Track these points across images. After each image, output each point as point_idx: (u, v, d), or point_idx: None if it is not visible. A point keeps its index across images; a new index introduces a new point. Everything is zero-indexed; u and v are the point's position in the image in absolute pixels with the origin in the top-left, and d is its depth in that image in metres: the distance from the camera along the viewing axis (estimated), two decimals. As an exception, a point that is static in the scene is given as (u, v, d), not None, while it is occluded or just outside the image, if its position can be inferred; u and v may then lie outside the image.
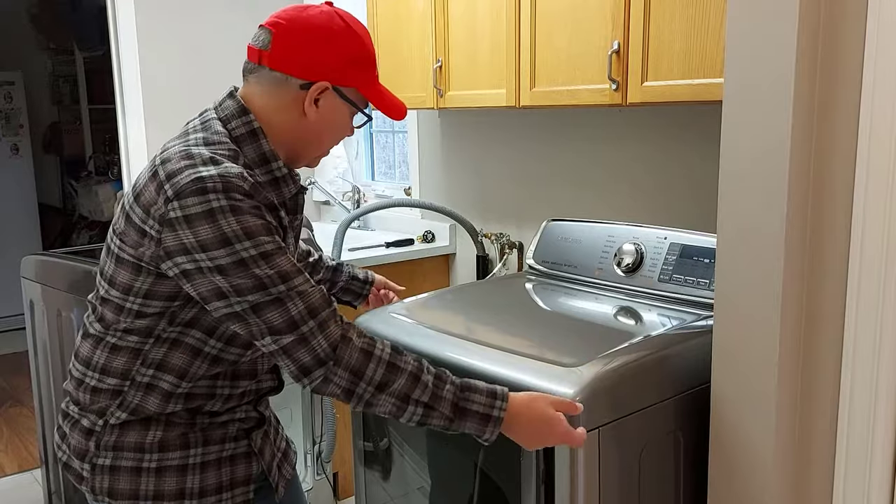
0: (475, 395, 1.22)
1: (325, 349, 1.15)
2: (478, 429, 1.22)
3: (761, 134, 1.33)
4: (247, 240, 1.13)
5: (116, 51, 3.17)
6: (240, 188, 1.15)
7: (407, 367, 1.20)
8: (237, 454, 1.31)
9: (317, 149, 1.33)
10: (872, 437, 1.35)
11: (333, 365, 1.16)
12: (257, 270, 1.13)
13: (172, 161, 1.17)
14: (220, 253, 1.12)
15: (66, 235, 5.83)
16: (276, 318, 1.14)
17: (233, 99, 1.28)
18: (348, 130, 1.35)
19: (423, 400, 1.20)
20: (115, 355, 1.25)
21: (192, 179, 1.13)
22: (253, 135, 1.26)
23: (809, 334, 1.38)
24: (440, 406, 1.20)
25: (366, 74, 1.30)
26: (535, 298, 1.99)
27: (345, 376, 1.16)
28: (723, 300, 1.44)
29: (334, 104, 1.28)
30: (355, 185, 3.44)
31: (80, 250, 2.66)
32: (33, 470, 3.25)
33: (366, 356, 1.18)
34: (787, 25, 1.27)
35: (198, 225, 1.12)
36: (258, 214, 1.16)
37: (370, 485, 1.86)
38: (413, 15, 2.57)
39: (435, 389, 1.20)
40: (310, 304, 1.16)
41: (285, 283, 1.15)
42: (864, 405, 1.35)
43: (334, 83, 1.27)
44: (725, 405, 1.45)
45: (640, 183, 2.33)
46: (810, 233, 1.34)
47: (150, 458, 1.25)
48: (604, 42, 1.97)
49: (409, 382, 1.19)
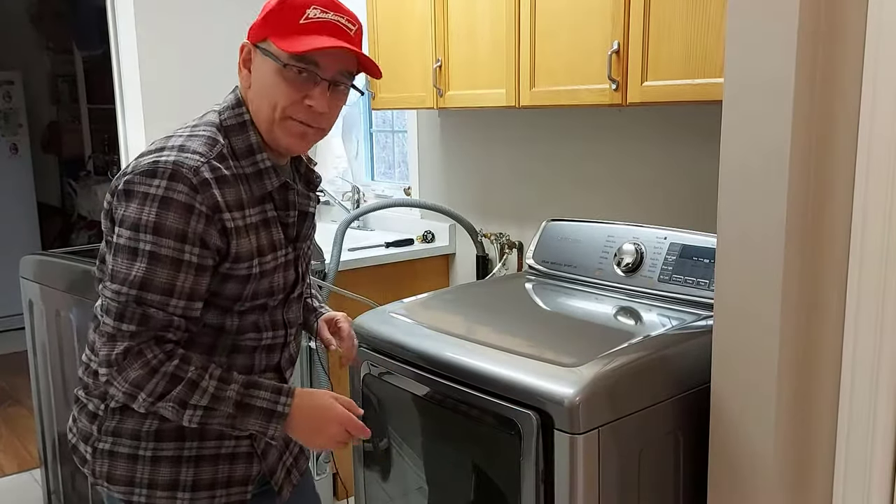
0: (260, 392, 1.23)
1: (116, 354, 1.17)
2: (262, 424, 1.22)
3: (761, 134, 1.33)
4: (151, 234, 1.16)
5: (116, 51, 3.17)
6: (186, 179, 1.17)
7: (186, 376, 1.19)
8: (238, 453, 1.32)
9: (265, 116, 1.26)
10: (872, 437, 1.35)
11: (116, 372, 1.18)
12: (133, 266, 1.17)
13: (153, 146, 1.24)
14: (126, 233, 1.17)
15: (65, 235, 5.83)
16: (110, 308, 1.18)
17: (232, 93, 1.32)
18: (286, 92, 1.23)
19: (202, 404, 1.20)
20: None
21: (149, 163, 1.18)
22: (243, 126, 1.28)
23: (809, 334, 1.38)
24: (221, 406, 1.20)
25: (280, 23, 1.22)
26: (535, 298, 1.99)
27: (124, 386, 1.18)
28: (723, 300, 1.43)
29: (258, 63, 1.26)
30: (355, 185, 3.44)
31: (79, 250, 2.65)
32: (32, 470, 3.25)
33: (149, 373, 1.18)
34: (787, 25, 1.27)
35: (129, 201, 1.17)
36: (183, 218, 1.17)
37: (370, 485, 1.86)
38: (413, 15, 2.56)
39: (216, 391, 1.20)
40: (145, 313, 1.17)
41: (140, 290, 1.17)
42: (864, 405, 1.35)
43: (253, 41, 1.26)
44: (725, 405, 1.45)
45: (640, 183, 2.33)
46: (810, 233, 1.34)
47: (145, 447, 1.28)
48: (604, 42, 1.96)
49: (187, 389, 1.19)
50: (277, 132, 1.27)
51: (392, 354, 1.71)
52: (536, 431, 1.39)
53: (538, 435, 1.39)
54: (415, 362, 1.65)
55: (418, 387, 1.64)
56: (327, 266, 2.53)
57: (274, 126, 1.26)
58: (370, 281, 2.79)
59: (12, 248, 5.07)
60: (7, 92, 5.27)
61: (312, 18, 1.22)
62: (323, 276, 2.52)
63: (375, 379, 1.75)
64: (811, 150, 1.31)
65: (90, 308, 1.37)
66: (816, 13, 1.27)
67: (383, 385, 1.73)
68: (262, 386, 1.24)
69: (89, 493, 2.37)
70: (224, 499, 1.31)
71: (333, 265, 2.53)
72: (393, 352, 1.71)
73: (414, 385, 1.64)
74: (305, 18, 1.22)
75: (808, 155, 1.31)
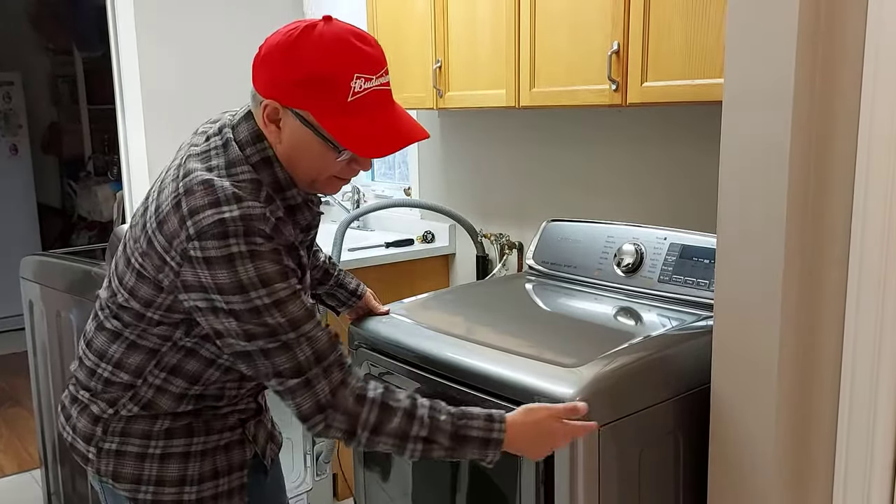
0: (473, 421, 1.23)
1: (326, 395, 1.18)
2: (480, 453, 1.23)
3: (761, 134, 1.33)
4: (262, 287, 1.14)
5: (116, 51, 3.17)
6: (261, 231, 1.14)
7: (400, 406, 1.21)
8: (232, 442, 1.35)
9: (305, 174, 1.24)
10: (872, 437, 1.35)
11: (332, 410, 1.18)
12: (269, 319, 1.15)
13: (197, 195, 1.15)
14: (236, 299, 1.14)
15: (65, 236, 5.83)
16: (283, 363, 1.17)
17: (248, 123, 1.23)
18: (330, 161, 1.21)
19: (421, 435, 1.21)
20: (131, 351, 1.27)
21: (214, 221, 1.13)
22: (267, 162, 1.22)
23: (809, 334, 1.38)
24: (439, 437, 1.21)
25: (324, 98, 1.15)
26: (535, 299, 1.99)
27: (343, 420, 1.19)
28: (723, 300, 1.43)
29: (294, 127, 1.19)
30: (355, 185, 3.44)
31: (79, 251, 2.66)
32: (33, 470, 3.25)
33: (359, 400, 1.19)
34: (787, 25, 1.27)
35: (216, 268, 1.13)
36: (276, 259, 1.15)
37: (370, 485, 1.86)
38: (413, 15, 2.57)
39: (431, 422, 1.21)
40: (317, 349, 1.18)
41: (295, 330, 1.16)
42: (864, 405, 1.35)
43: (283, 103, 1.18)
44: (725, 405, 1.45)
45: (640, 183, 2.33)
46: (810, 233, 1.34)
47: (155, 445, 1.29)
48: (603, 42, 1.97)
49: (404, 421, 1.20)
50: (318, 186, 1.27)
51: (392, 354, 1.71)
52: (536, 431, 1.39)
53: (538, 435, 1.39)
54: (415, 362, 1.65)
55: (418, 387, 1.64)
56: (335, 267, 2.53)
57: (316, 183, 1.26)
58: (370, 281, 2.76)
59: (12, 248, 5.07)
60: (7, 93, 5.27)
61: (359, 93, 1.16)
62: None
63: (375, 379, 1.75)
64: (811, 149, 1.32)
65: (90, 308, 1.38)
66: (816, 12, 1.27)
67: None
68: (473, 416, 1.24)
69: (89, 493, 2.37)
70: (226, 486, 1.34)
71: (333, 265, 2.53)
72: (393, 352, 1.71)
73: (414, 385, 1.64)
74: (353, 95, 1.15)
75: (807, 154, 1.31)
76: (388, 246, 2.91)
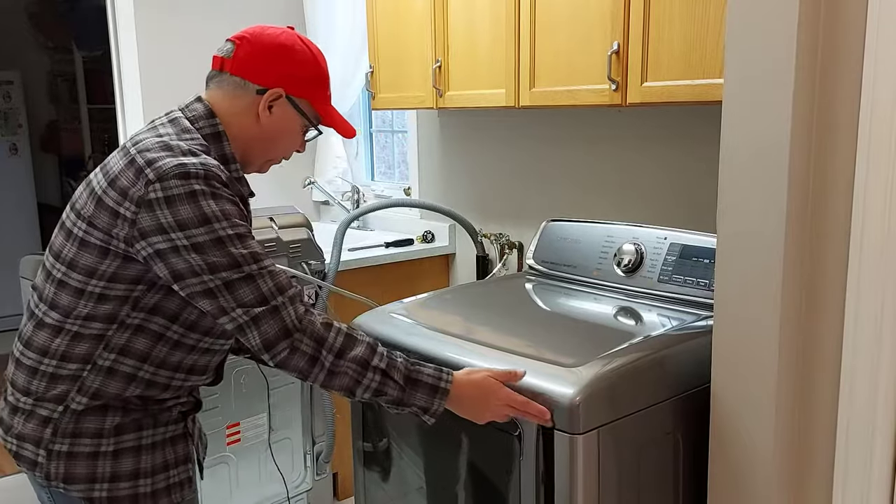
0: (424, 369, 1.33)
1: (292, 320, 1.24)
2: (426, 400, 1.31)
3: (761, 133, 1.33)
4: (225, 220, 1.22)
5: (116, 51, 3.17)
6: (218, 177, 1.24)
7: (364, 339, 1.31)
8: (176, 435, 1.39)
9: (265, 153, 1.41)
10: (872, 437, 1.35)
11: (300, 333, 1.24)
12: (233, 249, 1.22)
13: (151, 150, 1.25)
14: (199, 231, 1.20)
15: (65, 235, 5.82)
16: (247, 294, 1.23)
17: (200, 103, 1.37)
18: (298, 142, 1.43)
19: (380, 366, 1.29)
20: (77, 342, 1.28)
21: (175, 165, 1.22)
22: (217, 136, 1.35)
23: (809, 334, 1.38)
24: (394, 374, 1.30)
25: (319, 92, 1.40)
26: (535, 298, 1.99)
27: (310, 344, 1.25)
28: (723, 300, 1.44)
29: (286, 113, 1.38)
30: (355, 185, 3.44)
31: (79, 250, 2.65)
32: (32, 470, 3.25)
33: (326, 326, 1.28)
34: (787, 24, 1.27)
35: (178, 205, 1.20)
36: (234, 202, 1.26)
37: (370, 485, 1.86)
38: (413, 15, 2.56)
39: (389, 360, 1.30)
40: (278, 282, 1.25)
41: (256, 262, 1.24)
42: (864, 405, 1.35)
43: (288, 92, 1.37)
44: (725, 405, 1.45)
45: (640, 183, 2.34)
46: (810, 233, 1.34)
47: (107, 443, 1.30)
48: (603, 42, 1.97)
49: (367, 350, 1.29)
50: (259, 159, 1.42)
51: (392, 354, 1.71)
52: (536, 432, 1.39)
53: (538, 435, 1.39)
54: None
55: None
56: (327, 266, 2.53)
57: (261, 161, 1.42)
58: (370, 281, 2.79)
59: (12, 248, 5.07)
60: (6, 92, 5.26)
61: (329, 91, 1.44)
62: (323, 276, 2.52)
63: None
64: (811, 149, 1.32)
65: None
66: (816, 12, 1.27)
67: (383, 385, 1.73)
68: (424, 365, 1.34)
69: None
70: (177, 478, 1.37)
71: (333, 265, 2.53)
72: (393, 352, 1.71)
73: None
74: (328, 90, 1.43)
75: (807, 154, 1.32)
76: (388, 246, 2.91)
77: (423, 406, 1.32)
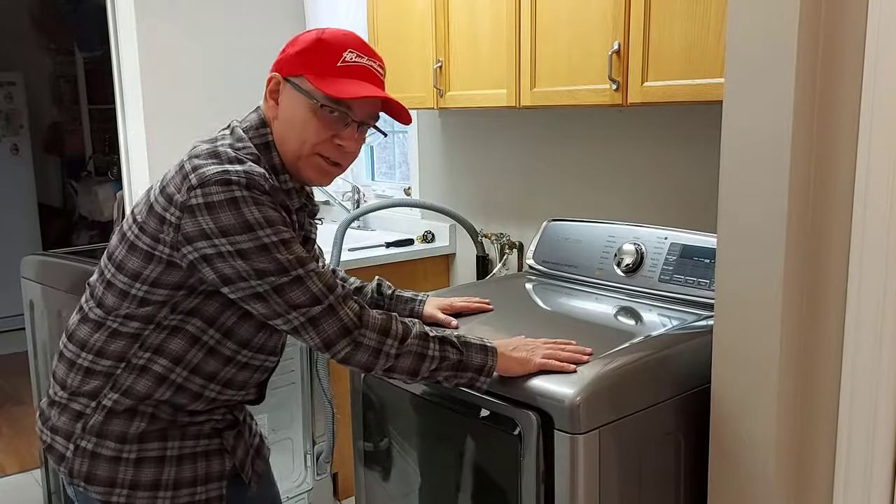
0: (467, 337, 1.38)
1: (351, 318, 1.26)
2: (481, 358, 1.35)
3: (761, 133, 1.33)
4: (268, 227, 1.22)
5: (116, 51, 3.17)
6: (261, 186, 1.23)
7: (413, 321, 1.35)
8: (210, 450, 1.36)
9: (299, 149, 1.32)
10: (873, 437, 1.35)
11: (362, 328, 1.27)
12: (278, 255, 1.22)
13: (200, 157, 1.26)
14: (243, 238, 1.20)
15: (66, 236, 5.83)
16: (298, 296, 1.23)
17: (255, 112, 1.37)
18: (321, 130, 1.31)
19: (437, 335, 1.33)
20: (114, 339, 1.29)
21: (218, 171, 1.21)
22: (266, 147, 1.33)
23: (810, 334, 1.38)
24: (451, 338, 1.34)
25: (317, 59, 1.30)
26: (535, 298, 1.99)
27: (374, 337, 1.28)
28: (723, 300, 1.43)
29: (290, 97, 1.32)
30: (355, 185, 3.44)
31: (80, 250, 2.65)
32: (34, 470, 3.25)
33: (386, 318, 1.30)
34: (787, 24, 1.27)
35: (219, 212, 1.20)
36: (276, 209, 1.25)
37: (370, 485, 1.86)
38: (413, 15, 2.57)
39: (439, 332, 1.35)
40: (326, 283, 1.26)
41: (303, 266, 1.24)
42: (865, 405, 1.35)
43: (283, 74, 1.32)
44: (726, 405, 1.45)
45: (641, 183, 2.33)
46: (811, 233, 1.34)
47: (129, 450, 1.30)
48: (604, 42, 1.96)
49: (420, 326, 1.34)
50: (302, 165, 1.34)
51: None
52: (537, 431, 1.39)
53: (538, 435, 1.39)
54: (415, 362, 1.65)
55: (418, 386, 1.64)
56: (327, 266, 2.53)
57: (300, 160, 1.34)
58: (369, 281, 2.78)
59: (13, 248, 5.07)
60: (8, 93, 5.27)
61: (349, 62, 1.31)
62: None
63: (376, 379, 1.75)
64: (812, 148, 1.31)
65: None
66: (817, 12, 1.27)
67: (383, 385, 1.73)
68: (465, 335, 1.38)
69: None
70: (203, 495, 1.34)
71: (333, 265, 2.53)
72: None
73: (414, 385, 1.64)
74: (342, 62, 1.30)
75: (808, 153, 1.31)
76: (388, 246, 2.91)
77: (479, 364, 1.35)
